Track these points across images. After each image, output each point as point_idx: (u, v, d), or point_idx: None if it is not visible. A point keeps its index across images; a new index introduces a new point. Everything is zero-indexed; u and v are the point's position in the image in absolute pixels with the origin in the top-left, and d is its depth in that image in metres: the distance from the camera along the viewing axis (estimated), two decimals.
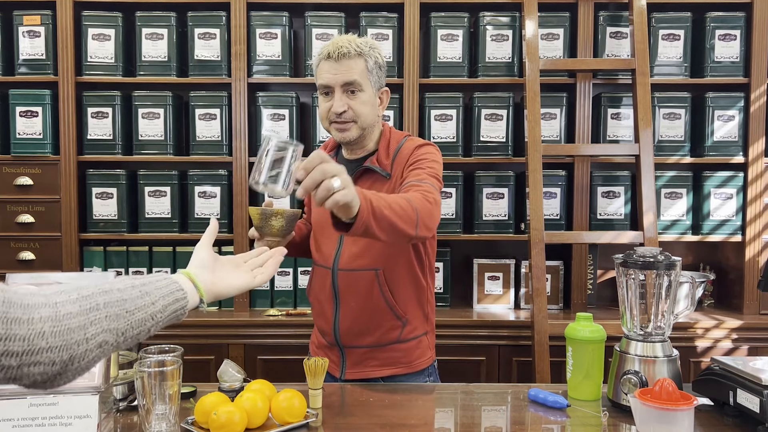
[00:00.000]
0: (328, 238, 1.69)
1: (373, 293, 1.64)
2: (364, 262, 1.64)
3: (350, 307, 1.67)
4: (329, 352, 1.75)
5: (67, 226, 2.75)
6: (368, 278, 1.64)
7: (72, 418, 1.19)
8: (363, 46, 1.62)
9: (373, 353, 1.69)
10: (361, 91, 1.61)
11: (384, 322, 1.67)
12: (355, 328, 1.68)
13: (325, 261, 1.69)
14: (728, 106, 2.74)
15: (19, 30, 2.76)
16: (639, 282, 1.47)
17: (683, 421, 1.21)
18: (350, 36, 1.65)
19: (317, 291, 1.74)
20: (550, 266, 2.77)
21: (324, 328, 1.74)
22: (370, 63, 1.63)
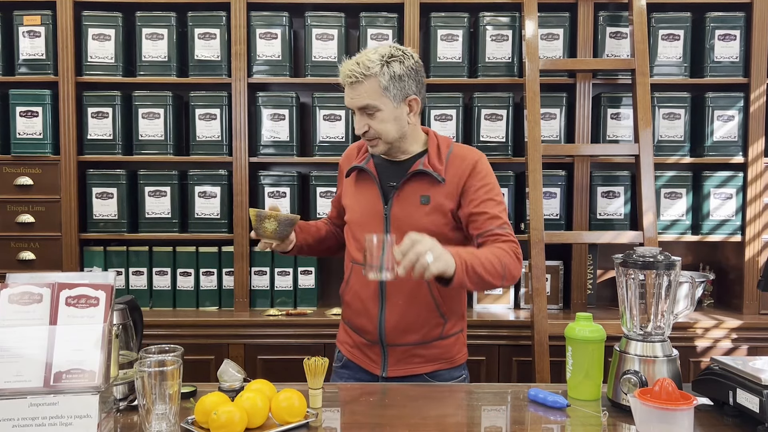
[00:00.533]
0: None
1: (421, 291, 1.67)
2: None
3: (397, 305, 1.69)
4: (368, 350, 1.75)
5: (67, 226, 2.75)
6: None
7: (72, 418, 1.19)
8: (373, 66, 1.60)
9: (416, 350, 1.71)
10: (377, 111, 1.63)
11: (429, 320, 1.70)
12: (401, 326, 1.69)
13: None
14: (728, 106, 2.74)
15: (20, 30, 2.76)
16: (639, 282, 1.47)
17: (683, 421, 1.21)
18: (361, 56, 1.63)
19: (358, 289, 1.74)
20: (549, 266, 2.77)
21: (366, 327, 1.74)
22: (384, 81, 1.61)
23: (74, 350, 1.22)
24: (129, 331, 1.54)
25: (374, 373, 1.75)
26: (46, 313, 1.25)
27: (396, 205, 1.68)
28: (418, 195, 1.67)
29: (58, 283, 1.27)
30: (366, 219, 1.72)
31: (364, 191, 1.75)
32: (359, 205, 1.75)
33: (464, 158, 1.69)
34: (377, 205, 1.70)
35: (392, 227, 1.68)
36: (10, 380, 1.19)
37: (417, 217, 1.66)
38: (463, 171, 1.67)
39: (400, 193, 1.68)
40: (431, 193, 1.66)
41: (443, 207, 1.66)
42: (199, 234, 2.80)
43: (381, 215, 1.70)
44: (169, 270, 2.80)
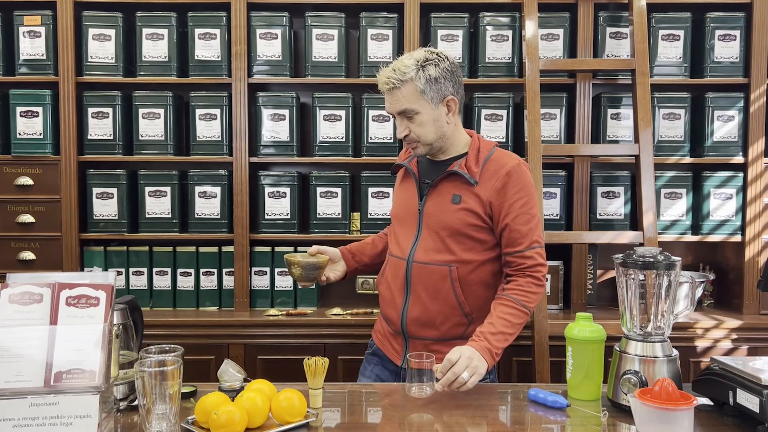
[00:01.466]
0: (406, 231, 1.78)
1: (444, 288, 1.70)
2: (439, 257, 1.71)
3: (420, 298, 1.73)
4: (393, 340, 1.81)
5: (67, 226, 2.75)
6: (441, 273, 1.70)
7: (72, 418, 1.19)
8: (408, 71, 1.65)
9: (435, 345, 1.73)
10: (416, 114, 1.67)
11: (451, 317, 1.72)
12: (422, 319, 1.73)
13: (402, 252, 1.76)
14: (728, 106, 2.74)
15: (20, 30, 2.77)
16: (639, 282, 1.47)
17: (683, 421, 1.21)
18: (397, 62, 1.68)
19: (390, 280, 1.80)
20: (550, 266, 2.75)
21: (392, 317, 1.79)
22: (420, 84, 1.65)
23: (74, 350, 1.22)
24: (129, 331, 1.54)
25: (395, 362, 1.80)
26: (47, 313, 1.25)
27: (429, 201, 1.74)
28: (450, 194, 1.71)
29: (58, 283, 1.27)
30: (403, 214, 1.80)
31: (406, 188, 1.83)
32: (400, 201, 1.83)
33: (501, 165, 1.70)
34: (414, 200, 1.78)
35: (424, 222, 1.74)
36: (11, 380, 1.19)
37: (447, 215, 1.70)
38: (497, 178, 1.68)
39: (434, 191, 1.74)
40: (463, 193, 1.70)
41: (472, 208, 1.69)
42: (200, 234, 2.80)
43: (416, 211, 1.76)
44: (170, 270, 2.80)
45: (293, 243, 2.82)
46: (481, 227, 1.70)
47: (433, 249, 1.71)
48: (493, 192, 1.68)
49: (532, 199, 1.70)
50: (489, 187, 1.68)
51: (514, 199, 1.67)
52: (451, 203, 1.70)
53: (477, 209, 1.69)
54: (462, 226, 1.69)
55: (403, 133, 1.70)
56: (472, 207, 1.69)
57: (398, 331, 1.78)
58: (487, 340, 1.57)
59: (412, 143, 1.72)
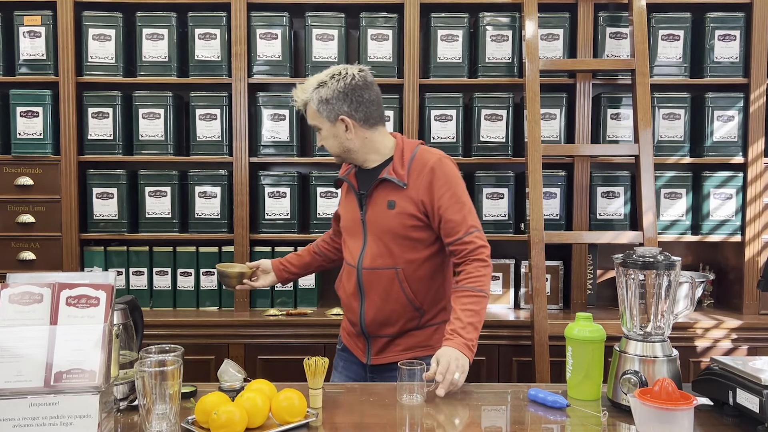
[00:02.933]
0: (354, 240, 1.87)
1: (394, 289, 1.80)
2: (385, 262, 1.81)
3: (374, 301, 1.83)
4: (357, 339, 1.92)
5: (67, 226, 2.75)
6: (389, 276, 1.80)
7: (72, 418, 1.19)
8: (306, 93, 1.80)
9: (395, 341, 1.85)
10: (320, 130, 1.83)
11: (404, 314, 1.82)
12: (378, 320, 1.83)
13: (353, 260, 1.87)
14: (728, 106, 2.75)
15: (20, 30, 2.77)
16: (639, 282, 1.47)
17: (683, 421, 1.21)
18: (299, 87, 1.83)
19: (345, 286, 1.91)
20: (549, 266, 2.77)
21: (352, 319, 1.91)
22: (314, 105, 1.79)
23: (75, 350, 1.22)
24: (129, 331, 1.54)
25: (361, 360, 1.91)
26: (47, 313, 1.25)
27: (369, 210, 1.83)
28: (385, 200, 1.81)
29: (58, 283, 1.27)
30: (350, 224, 1.90)
31: (349, 200, 1.92)
32: (346, 213, 1.93)
33: (424, 163, 1.80)
34: (356, 211, 1.87)
35: (368, 231, 1.83)
36: (11, 380, 1.19)
37: (386, 221, 1.80)
38: (424, 176, 1.78)
39: (370, 200, 1.83)
40: (396, 198, 1.79)
41: (408, 210, 1.78)
42: (200, 234, 2.80)
43: (359, 220, 1.85)
44: (170, 270, 2.80)
45: (293, 243, 2.82)
46: (419, 226, 1.79)
47: (378, 255, 1.81)
48: (423, 190, 1.77)
49: (459, 187, 1.80)
50: (418, 186, 1.78)
51: (442, 192, 1.77)
52: (387, 209, 1.80)
53: (412, 210, 1.78)
54: (401, 229, 1.78)
55: (319, 143, 1.85)
56: (407, 209, 1.78)
57: (359, 332, 1.88)
58: (460, 335, 1.67)
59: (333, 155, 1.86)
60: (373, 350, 1.87)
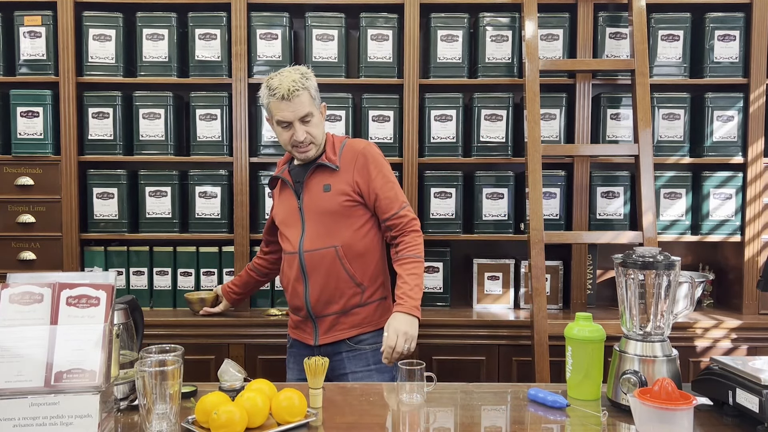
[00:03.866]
0: (292, 229, 2.02)
1: (335, 267, 1.97)
2: (324, 242, 1.97)
3: (317, 281, 1.98)
4: (303, 325, 2.06)
5: (67, 226, 2.75)
6: (330, 255, 1.97)
7: (73, 418, 1.19)
8: (305, 81, 1.94)
9: (340, 318, 2.00)
10: (313, 117, 1.96)
11: (347, 291, 1.99)
12: (323, 299, 1.99)
13: (293, 247, 2.01)
14: (727, 106, 2.75)
15: (20, 30, 2.77)
16: (638, 282, 1.47)
17: (683, 421, 1.21)
18: (292, 74, 1.94)
19: (288, 274, 2.04)
20: (549, 266, 2.78)
21: (297, 304, 2.04)
22: (312, 92, 1.96)
23: (75, 350, 1.22)
24: (130, 330, 1.54)
25: (308, 343, 2.04)
26: (47, 313, 1.25)
27: (305, 197, 2.01)
28: (320, 185, 1.99)
29: (58, 283, 1.27)
30: (287, 216, 2.04)
31: (284, 195, 2.08)
32: (282, 207, 2.07)
33: (355, 149, 2.02)
34: (293, 202, 2.03)
35: (306, 216, 2.00)
36: (11, 380, 1.19)
37: (322, 203, 1.98)
38: (355, 159, 1.99)
39: (306, 188, 2.01)
40: (330, 181, 1.99)
41: (343, 190, 1.97)
42: (200, 234, 2.80)
43: (296, 209, 2.02)
44: (170, 270, 2.80)
45: None
46: (354, 205, 1.98)
47: (317, 236, 1.97)
48: (357, 172, 1.98)
49: (387, 168, 2.03)
50: (351, 169, 1.99)
51: (375, 173, 1.98)
52: (323, 192, 1.98)
53: (347, 190, 1.97)
54: (339, 208, 1.97)
55: (302, 136, 1.94)
56: (341, 189, 1.97)
57: (306, 315, 2.02)
58: (410, 297, 1.89)
59: (306, 147, 1.97)
60: (321, 330, 2.00)
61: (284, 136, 1.98)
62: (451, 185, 2.77)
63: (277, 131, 2.00)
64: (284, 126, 1.96)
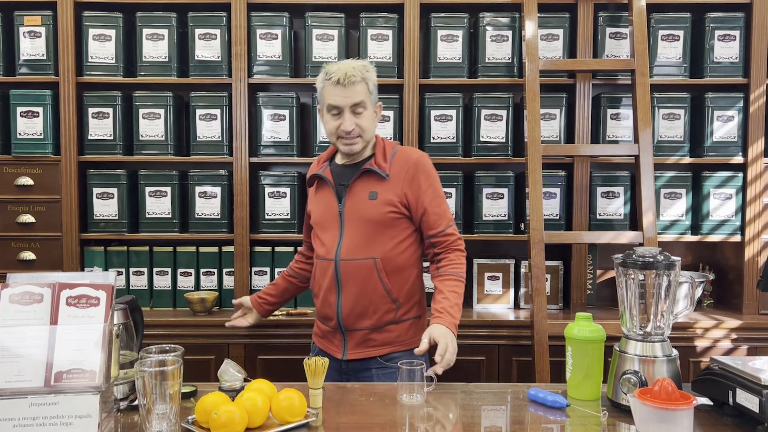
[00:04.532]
0: (329, 234, 1.91)
1: (372, 279, 1.85)
2: (363, 252, 1.86)
3: (351, 292, 1.86)
4: (332, 336, 1.94)
5: (67, 226, 2.75)
6: (367, 266, 1.85)
7: (73, 418, 1.19)
8: (364, 72, 1.85)
9: (371, 334, 1.88)
10: (365, 110, 1.86)
11: (381, 306, 1.87)
12: (356, 311, 1.87)
13: (328, 253, 1.89)
14: (727, 106, 2.75)
15: (20, 30, 2.77)
16: (638, 282, 1.47)
17: (683, 421, 1.21)
18: (352, 62, 1.87)
19: (321, 281, 1.93)
20: (549, 266, 2.77)
21: (327, 314, 1.92)
22: (370, 86, 1.87)
23: (75, 350, 1.22)
24: (129, 331, 1.54)
25: (337, 357, 1.91)
26: (47, 313, 1.25)
27: (348, 202, 1.89)
28: (366, 192, 1.88)
29: (58, 283, 1.27)
30: (324, 218, 1.93)
31: (323, 195, 1.96)
32: (319, 208, 1.96)
33: (407, 158, 1.91)
34: (332, 204, 1.91)
35: (346, 222, 1.88)
36: (11, 380, 1.19)
37: (366, 211, 1.86)
38: (407, 170, 1.88)
39: (350, 192, 1.89)
40: (378, 189, 1.87)
41: (389, 200, 1.86)
42: (200, 234, 2.80)
43: (336, 213, 1.90)
44: (170, 270, 2.80)
45: (293, 243, 2.82)
46: (399, 217, 1.87)
47: (356, 246, 1.86)
48: (406, 183, 1.87)
49: (438, 183, 1.93)
50: (401, 179, 1.88)
51: (426, 186, 1.88)
52: (368, 200, 1.87)
53: (393, 200, 1.86)
54: (383, 218, 1.86)
55: (351, 126, 1.83)
56: (388, 199, 1.86)
57: (335, 327, 1.91)
58: (450, 315, 1.78)
59: (353, 139, 1.86)
60: (350, 345, 1.89)
61: (332, 124, 1.86)
62: (451, 185, 2.77)
63: (325, 120, 1.89)
64: (334, 113, 1.85)
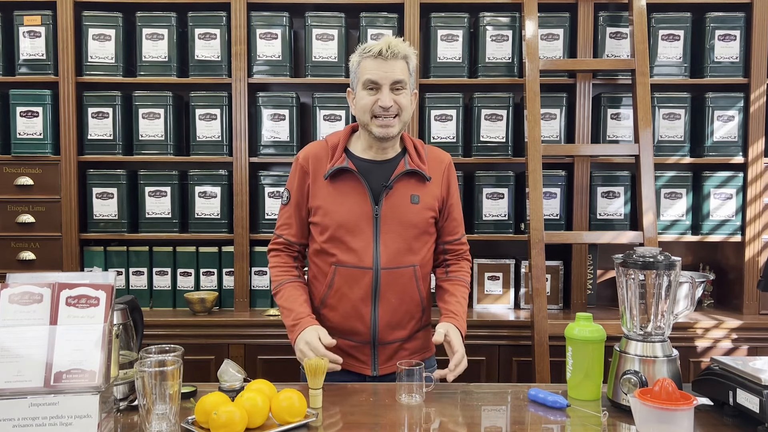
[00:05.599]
0: (360, 238, 1.70)
1: (410, 288, 1.74)
2: (404, 260, 1.72)
3: (390, 303, 1.72)
4: (356, 352, 1.75)
5: (67, 226, 2.75)
6: (408, 274, 1.73)
7: (72, 418, 1.19)
8: (407, 49, 1.70)
9: (403, 345, 1.78)
10: (405, 89, 1.69)
11: (415, 314, 1.77)
12: (392, 323, 1.74)
13: (361, 261, 1.70)
14: (728, 106, 2.74)
15: (20, 30, 2.77)
16: (639, 282, 1.47)
17: (683, 421, 1.21)
18: (393, 38, 1.71)
19: (347, 292, 1.72)
20: (549, 266, 2.77)
21: (356, 328, 1.73)
22: (411, 66, 1.71)
23: (74, 350, 1.22)
24: (129, 331, 1.54)
25: (364, 373, 1.75)
26: (47, 313, 1.25)
27: (386, 205, 1.70)
28: (408, 195, 1.72)
29: (58, 283, 1.27)
30: (352, 220, 1.70)
31: (346, 192, 1.72)
32: (344, 207, 1.71)
33: (441, 160, 1.80)
34: (364, 205, 1.70)
35: (382, 227, 1.70)
36: (11, 380, 1.19)
37: (409, 216, 1.71)
38: (442, 171, 1.78)
39: (391, 193, 1.71)
40: (420, 192, 1.73)
41: (431, 206, 1.74)
42: (200, 234, 2.80)
43: (370, 216, 1.70)
44: (170, 270, 2.80)
45: None
46: (434, 222, 1.78)
47: (398, 252, 1.71)
48: (443, 186, 1.77)
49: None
50: (437, 181, 1.76)
51: (454, 190, 1.80)
52: (410, 204, 1.72)
53: (434, 204, 1.75)
54: (424, 224, 1.74)
55: (389, 102, 1.65)
56: (430, 204, 1.74)
57: (366, 341, 1.74)
58: (463, 319, 1.73)
59: (390, 120, 1.66)
60: (381, 359, 1.74)
61: (367, 99, 1.66)
62: None
63: (359, 97, 1.69)
64: (369, 88, 1.66)
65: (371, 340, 1.73)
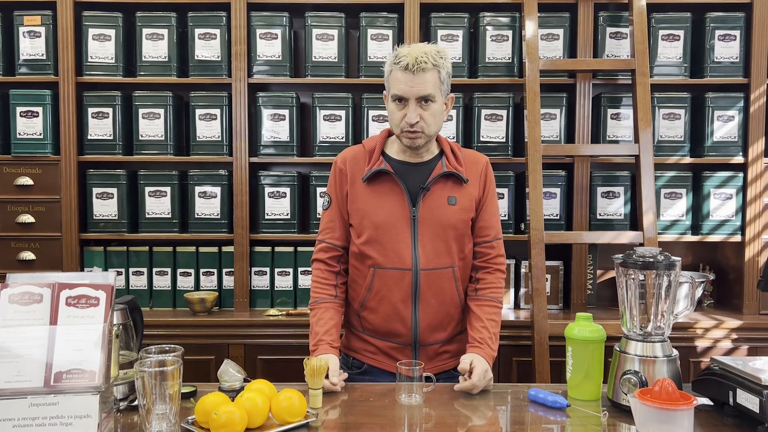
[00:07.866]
0: (398, 239, 1.72)
1: (449, 289, 1.75)
2: (443, 261, 1.73)
3: (430, 304, 1.74)
4: (397, 353, 1.76)
5: (67, 226, 2.75)
6: (447, 275, 1.74)
7: (72, 418, 1.19)
8: (438, 59, 1.65)
9: (444, 347, 1.79)
10: (433, 102, 1.66)
11: (455, 316, 1.79)
12: (433, 325, 1.75)
13: (401, 262, 1.72)
14: (728, 106, 2.74)
15: (20, 30, 2.77)
16: (639, 282, 1.47)
17: (683, 421, 1.21)
18: (425, 46, 1.66)
19: (387, 294, 1.73)
20: (549, 266, 2.77)
21: (396, 330, 1.75)
22: (443, 74, 1.67)
23: (74, 350, 1.22)
24: (129, 331, 1.54)
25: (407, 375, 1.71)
26: (47, 313, 1.25)
27: (424, 206, 1.72)
28: (445, 196, 1.73)
29: (58, 283, 1.27)
30: (391, 221, 1.71)
31: (383, 194, 1.74)
32: (382, 209, 1.73)
33: (477, 162, 1.79)
34: (401, 207, 1.72)
35: (420, 228, 1.72)
36: (11, 380, 1.19)
37: (446, 218, 1.72)
38: (479, 173, 1.78)
39: (428, 195, 1.72)
40: (457, 194, 1.74)
41: (468, 207, 1.75)
42: (199, 234, 2.80)
43: (408, 217, 1.72)
44: (170, 270, 2.80)
45: (293, 243, 2.82)
46: (471, 223, 1.78)
47: (435, 253, 1.72)
48: (480, 188, 1.77)
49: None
50: (474, 183, 1.77)
51: (491, 192, 1.80)
52: (448, 205, 1.73)
53: (471, 207, 1.75)
54: (463, 227, 1.75)
55: (415, 119, 1.64)
56: (467, 206, 1.75)
57: (407, 342, 1.75)
58: (489, 346, 1.69)
59: (414, 135, 1.67)
60: (422, 360, 1.72)
61: (396, 115, 1.67)
62: None
63: (389, 109, 1.71)
64: (398, 100, 1.67)
65: (412, 342, 1.75)
